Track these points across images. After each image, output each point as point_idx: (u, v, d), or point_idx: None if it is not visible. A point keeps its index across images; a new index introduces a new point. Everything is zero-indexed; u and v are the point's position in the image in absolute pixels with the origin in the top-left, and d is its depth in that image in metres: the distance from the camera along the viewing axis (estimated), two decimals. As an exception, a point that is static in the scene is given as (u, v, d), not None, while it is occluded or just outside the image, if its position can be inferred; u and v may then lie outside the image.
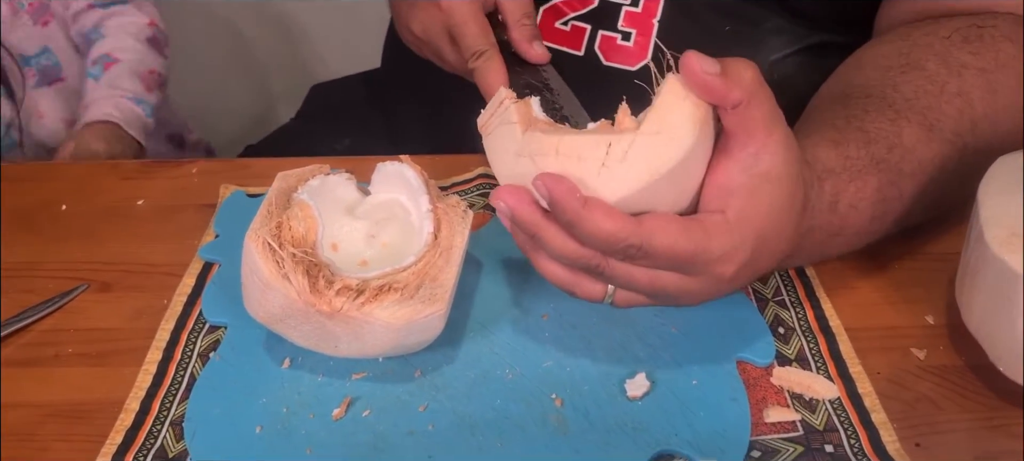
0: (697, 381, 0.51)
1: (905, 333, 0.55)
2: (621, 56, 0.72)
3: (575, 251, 0.44)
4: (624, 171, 0.42)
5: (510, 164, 0.45)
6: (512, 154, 0.45)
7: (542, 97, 0.58)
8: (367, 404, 0.50)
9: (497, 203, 0.44)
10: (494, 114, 0.47)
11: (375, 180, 0.57)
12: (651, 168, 0.42)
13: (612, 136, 0.43)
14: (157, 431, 0.49)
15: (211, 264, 0.61)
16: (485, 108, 0.48)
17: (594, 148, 0.42)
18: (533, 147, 0.44)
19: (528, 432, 0.48)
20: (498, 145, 0.47)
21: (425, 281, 0.49)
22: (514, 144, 0.45)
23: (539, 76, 0.61)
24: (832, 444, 0.48)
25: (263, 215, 0.51)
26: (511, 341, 0.54)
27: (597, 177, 0.42)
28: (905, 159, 0.53)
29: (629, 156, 0.42)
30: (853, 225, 0.53)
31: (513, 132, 0.45)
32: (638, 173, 0.42)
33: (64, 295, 0.59)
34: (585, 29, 0.73)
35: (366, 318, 0.47)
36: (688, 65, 0.42)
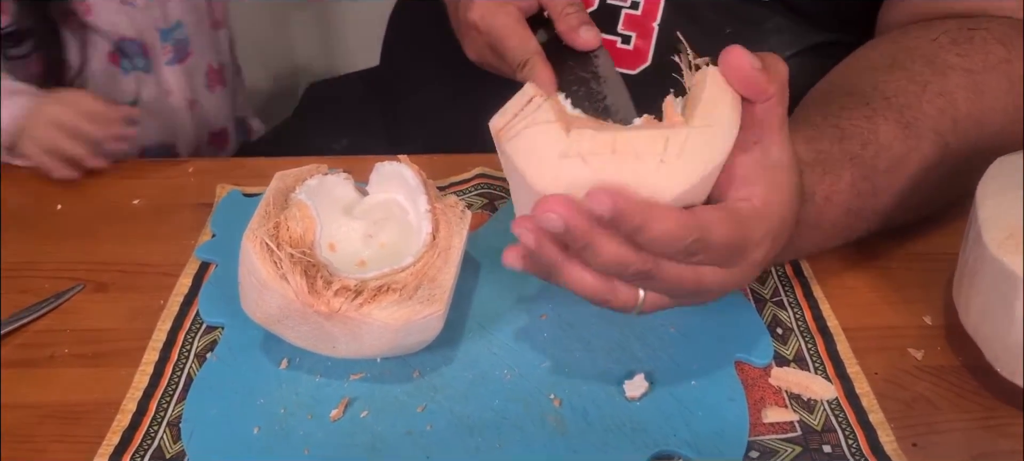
0: (695, 382, 0.51)
1: (902, 333, 0.55)
2: (621, 60, 0.72)
3: (630, 259, 0.42)
4: (682, 165, 0.41)
5: (553, 166, 0.41)
6: (555, 155, 0.41)
7: (589, 87, 0.56)
8: (365, 405, 0.50)
9: (547, 215, 0.40)
10: (519, 114, 0.43)
11: (373, 180, 0.57)
12: (706, 161, 0.42)
13: (668, 131, 0.42)
14: (154, 432, 0.49)
15: (208, 264, 0.61)
16: (501, 110, 0.44)
17: (651, 143, 0.41)
18: (585, 146, 0.41)
19: (526, 433, 0.48)
20: (533, 146, 0.42)
21: (423, 282, 0.49)
22: (558, 144, 0.41)
23: (589, 66, 0.58)
24: (830, 444, 0.48)
25: (261, 215, 0.50)
26: (509, 341, 0.54)
27: (656, 173, 0.41)
28: (880, 155, 0.54)
29: (686, 150, 0.41)
30: (829, 218, 0.54)
31: (554, 131, 0.41)
32: (694, 167, 0.42)
33: (60, 295, 0.58)
34: None
35: (364, 319, 0.47)
36: (734, 60, 0.42)
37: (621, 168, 0.41)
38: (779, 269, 0.59)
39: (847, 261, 0.60)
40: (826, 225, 0.54)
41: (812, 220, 0.52)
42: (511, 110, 0.43)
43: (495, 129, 0.43)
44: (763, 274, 0.59)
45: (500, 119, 0.43)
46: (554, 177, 0.41)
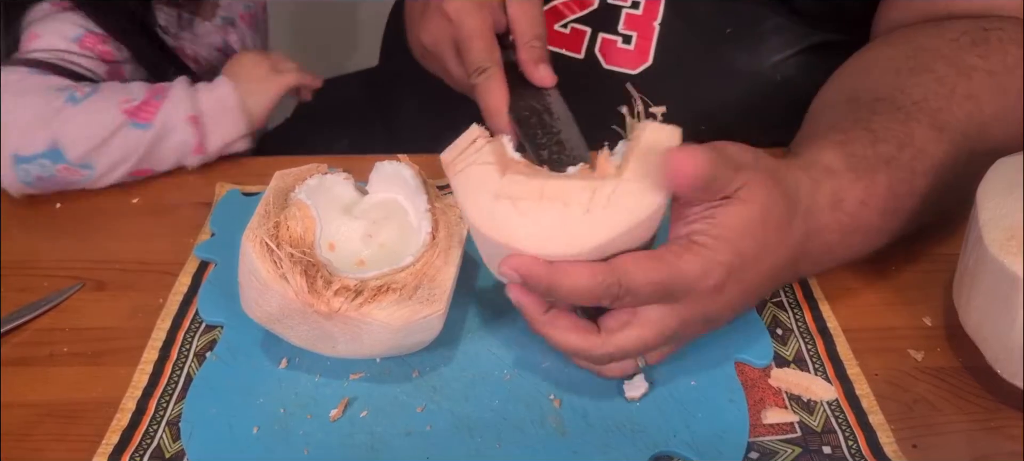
0: (695, 382, 0.50)
1: (902, 335, 0.55)
2: (622, 59, 0.72)
3: (579, 345, 0.46)
4: (608, 216, 0.43)
5: (486, 206, 0.44)
6: (489, 196, 0.44)
7: (541, 118, 0.57)
8: (365, 405, 0.50)
9: (508, 273, 0.44)
10: (464, 152, 0.46)
11: (373, 179, 0.57)
12: (632, 213, 0.43)
13: (596, 182, 0.43)
14: (153, 431, 0.49)
15: (207, 263, 0.61)
16: (452, 145, 0.46)
17: (579, 193, 0.43)
18: (515, 190, 0.44)
19: (526, 433, 0.48)
20: (471, 185, 0.45)
21: (423, 281, 0.49)
22: (492, 185, 0.44)
23: (542, 100, 0.59)
24: (830, 446, 0.48)
25: (260, 215, 0.50)
26: (509, 341, 0.53)
27: (581, 222, 0.43)
28: (917, 158, 0.53)
29: (612, 202, 0.43)
30: (866, 222, 0.52)
31: (490, 173, 0.44)
32: (620, 218, 0.43)
33: (59, 294, 0.58)
34: (585, 32, 0.72)
35: (364, 319, 0.47)
36: (677, 169, 0.42)
37: (547, 214, 0.43)
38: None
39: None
40: (865, 229, 0.53)
41: (846, 226, 0.51)
42: (459, 146, 0.46)
43: (444, 162, 0.46)
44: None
45: (449, 154, 0.46)
46: (488, 215, 0.44)
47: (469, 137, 0.46)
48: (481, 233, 0.44)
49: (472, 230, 0.45)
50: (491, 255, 0.46)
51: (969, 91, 0.56)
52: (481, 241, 0.45)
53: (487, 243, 0.45)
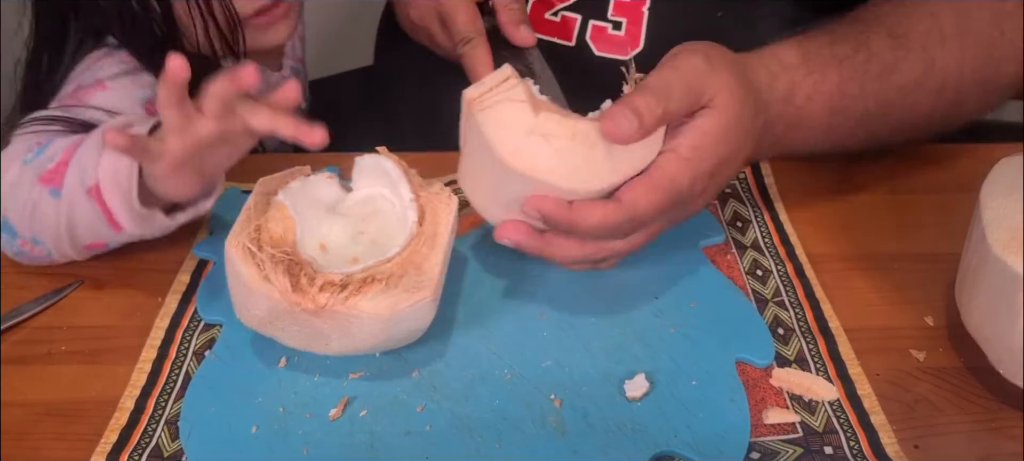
0: (696, 382, 0.50)
1: (904, 334, 0.54)
2: (613, 45, 0.71)
3: (582, 255, 0.51)
4: (625, 158, 0.48)
5: (517, 141, 0.47)
6: (522, 132, 0.47)
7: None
8: (364, 404, 0.49)
9: (502, 240, 0.50)
10: (494, 90, 0.48)
11: (355, 176, 0.56)
12: (645, 157, 0.49)
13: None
14: (152, 430, 0.49)
15: (206, 261, 0.61)
16: (477, 82, 0.49)
17: (601, 136, 0.48)
18: (550, 128, 0.47)
19: (527, 433, 0.48)
20: (502, 121, 0.47)
21: (409, 270, 0.49)
22: (526, 122, 0.47)
23: (524, 60, 0.63)
24: (831, 446, 0.47)
25: (242, 221, 0.50)
26: (509, 340, 0.53)
27: (604, 161, 0.47)
28: (871, 61, 0.57)
29: (628, 147, 0.48)
30: (810, 116, 0.57)
31: (524, 111, 0.47)
32: (634, 161, 0.48)
33: (57, 292, 0.58)
34: (575, 19, 0.72)
35: (351, 311, 0.47)
36: (613, 136, 0.47)
37: (575, 153, 0.47)
38: (780, 269, 0.59)
39: (848, 261, 0.60)
40: (807, 123, 0.57)
41: (792, 119, 0.56)
42: (487, 84, 0.48)
43: (468, 98, 0.48)
44: (765, 274, 0.59)
45: (475, 90, 0.48)
46: (518, 150, 0.47)
47: (500, 75, 0.49)
48: (507, 167, 0.47)
49: (493, 165, 0.47)
50: (506, 191, 0.49)
51: (931, 9, 0.59)
52: (501, 177, 0.48)
53: (510, 178, 0.47)
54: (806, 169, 0.68)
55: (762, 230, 0.63)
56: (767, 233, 0.62)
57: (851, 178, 0.68)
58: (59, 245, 0.57)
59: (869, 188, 0.67)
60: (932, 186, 0.67)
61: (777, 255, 0.60)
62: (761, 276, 0.59)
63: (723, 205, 0.65)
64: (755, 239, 0.62)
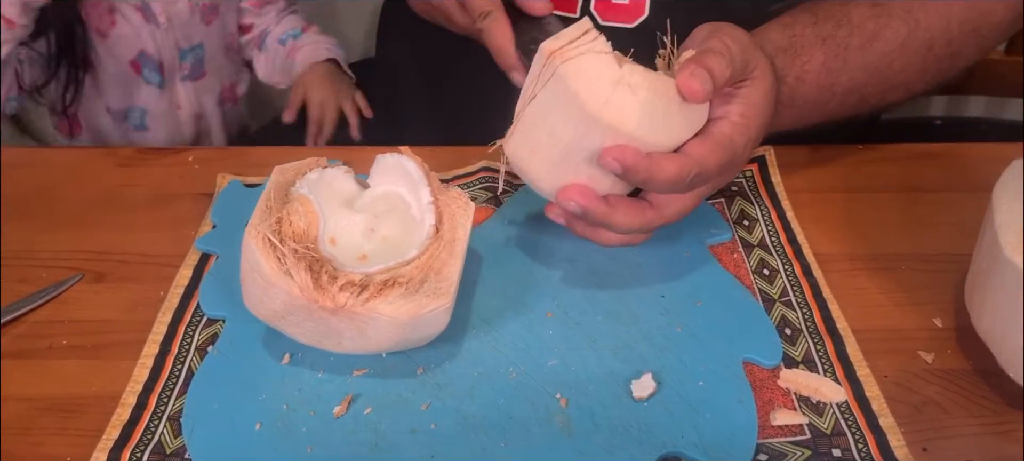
0: (703, 382, 0.50)
1: (912, 336, 0.54)
2: (618, 14, 0.71)
3: (639, 222, 0.53)
4: (693, 115, 0.51)
5: (603, 91, 0.48)
6: (608, 82, 0.48)
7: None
8: (369, 401, 0.49)
9: (567, 203, 0.51)
10: (576, 41, 0.48)
11: (374, 172, 0.56)
12: (702, 113, 0.52)
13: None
14: (154, 426, 0.48)
15: (208, 255, 0.60)
16: (558, 35, 0.49)
17: (676, 93, 0.50)
18: (635, 79, 0.48)
19: (532, 433, 0.47)
20: (589, 71, 0.48)
21: (429, 275, 0.48)
22: (612, 73, 0.48)
23: (543, 30, 0.62)
24: (839, 448, 0.47)
25: (262, 210, 0.49)
26: (515, 338, 0.53)
27: (678, 115, 0.50)
28: (854, 34, 0.60)
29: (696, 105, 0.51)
30: (801, 96, 0.60)
31: (609, 62, 0.48)
32: (697, 117, 0.51)
33: (58, 285, 0.57)
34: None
35: (370, 314, 0.46)
36: (689, 93, 0.49)
37: (656, 105, 0.49)
38: (788, 269, 0.59)
39: (856, 261, 0.60)
40: (799, 102, 0.60)
41: (785, 99, 0.59)
42: (566, 36, 0.49)
43: (548, 50, 0.48)
44: (772, 274, 0.58)
45: (555, 43, 0.48)
46: (606, 100, 0.48)
47: (581, 28, 0.49)
48: (595, 118, 0.48)
49: (574, 119, 0.48)
50: (583, 147, 0.49)
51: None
52: (581, 131, 0.49)
53: (592, 130, 0.48)
54: (814, 167, 0.68)
55: (769, 229, 0.62)
56: (774, 232, 0.62)
57: (859, 177, 0.67)
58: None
59: (877, 187, 0.66)
60: (940, 185, 0.67)
61: (784, 254, 0.60)
62: (768, 275, 0.58)
63: (730, 203, 0.64)
64: (762, 238, 0.61)
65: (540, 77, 0.49)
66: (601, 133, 0.48)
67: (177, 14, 0.89)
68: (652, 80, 0.49)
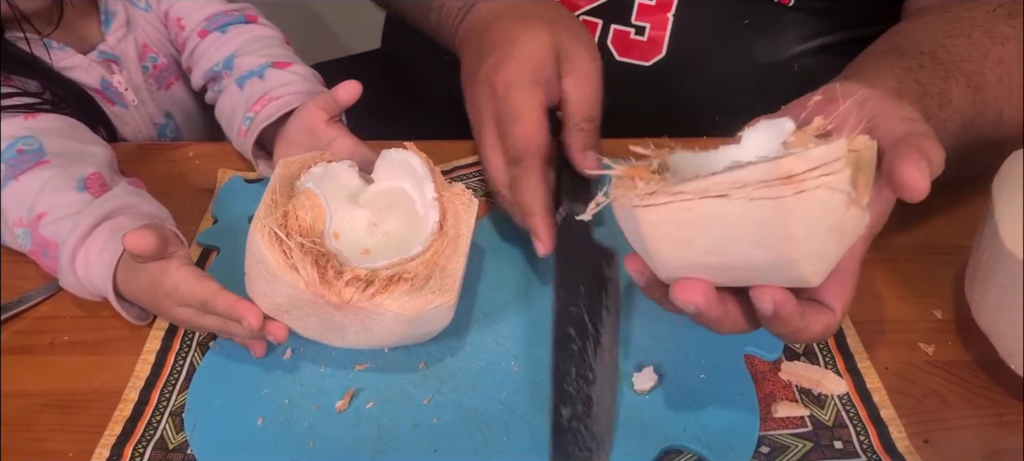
0: (705, 375, 0.50)
1: (913, 327, 0.54)
2: (636, 51, 0.71)
3: (745, 327, 0.43)
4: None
5: (819, 239, 0.38)
6: (825, 227, 0.37)
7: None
8: (371, 396, 0.49)
9: (686, 305, 0.40)
10: (818, 169, 0.36)
11: (379, 167, 0.56)
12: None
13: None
14: (156, 422, 0.48)
15: (210, 250, 0.60)
16: (797, 151, 0.37)
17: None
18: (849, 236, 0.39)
19: (534, 426, 0.47)
20: (813, 211, 0.36)
21: (434, 271, 0.49)
22: (835, 215, 0.37)
23: (587, 189, 0.54)
24: (841, 440, 0.47)
25: (267, 204, 0.49)
26: (516, 332, 0.53)
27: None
28: (952, 118, 0.54)
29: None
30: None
31: (841, 201, 0.37)
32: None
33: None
34: (597, 24, 0.71)
35: (376, 309, 0.46)
36: (912, 183, 0.40)
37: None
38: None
39: (856, 253, 0.60)
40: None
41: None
42: (813, 159, 0.36)
43: (787, 170, 0.36)
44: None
45: (797, 162, 0.36)
46: (818, 252, 0.38)
47: (835, 152, 0.36)
48: (790, 263, 0.38)
49: (771, 253, 0.38)
50: (748, 270, 0.40)
51: (1001, 57, 0.57)
52: (775, 267, 0.39)
53: (784, 269, 0.39)
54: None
55: (770, 222, 0.62)
56: (775, 225, 0.62)
57: (859, 169, 0.67)
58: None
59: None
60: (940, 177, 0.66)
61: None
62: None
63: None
64: (763, 231, 0.61)
65: (746, 183, 0.36)
66: (780, 274, 0.39)
67: (139, 90, 0.79)
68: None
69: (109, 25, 0.76)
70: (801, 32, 0.69)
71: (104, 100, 0.76)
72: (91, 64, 0.74)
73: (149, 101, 0.79)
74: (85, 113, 0.72)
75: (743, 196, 0.36)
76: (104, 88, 0.76)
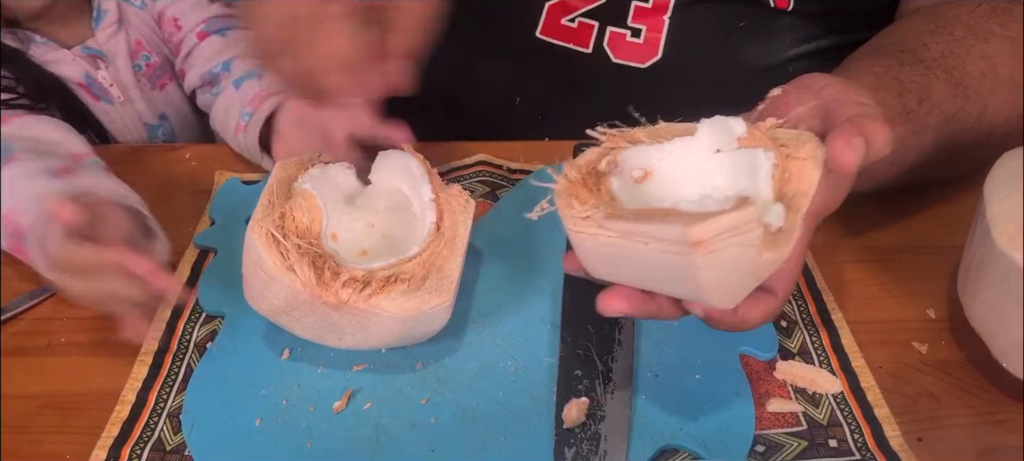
0: (700, 376, 0.50)
1: (906, 327, 0.55)
2: (630, 53, 0.71)
3: (681, 315, 0.44)
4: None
5: (733, 290, 0.40)
6: (739, 278, 0.39)
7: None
8: (368, 396, 0.49)
9: (613, 314, 0.42)
10: (729, 233, 0.37)
11: (376, 169, 0.56)
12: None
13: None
14: (154, 423, 0.48)
15: (207, 252, 0.60)
16: (705, 217, 0.37)
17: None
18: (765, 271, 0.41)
19: (532, 426, 0.47)
20: (723, 267, 0.38)
21: (431, 271, 0.49)
22: (749, 265, 0.39)
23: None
24: (836, 438, 0.48)
25: (265, 205, 0.49)
26: (513, 332, 0.53)
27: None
28: (932, 112, 0.55)
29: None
30: (871, 168, 0.52)
31: (752, 254, 0.38)
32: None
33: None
34: (593, 26, 0.71)
35: (373, 310, 0.46)
36: (842, 161, 0.41)
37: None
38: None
39: (850, 254, 0.60)
40: (866, 175, 0.52)
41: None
42: (721, 224, 0.37)
43: (694, 239, 0.37)
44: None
45: (706, 229, 0.37)
46: (731, 294, 0.40)
47: (743, 217, 0.37)
48: (704, 296, 0.40)
49: (684, 288, 0.40)
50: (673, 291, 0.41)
51: (984, 52, 0.57)
52: (688, 295, 0.41)
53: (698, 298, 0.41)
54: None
55: (764, 222, 0.63)
56: (769, 225, 0.62)
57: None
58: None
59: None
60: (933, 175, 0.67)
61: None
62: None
63: (725, 197, 0.65)
64: (757, 231, 0.62)
65: (661, 239, 0.38)
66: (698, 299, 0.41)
67: (127, 88, 0.78)
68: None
69: (99, 22, 0.76)
70: (796, 36, 0.70)
71: (89, 96, 0.76)
72: (75, 58, 0.75)
73: (139, 99, 0.79)
74: (68, 111, 0.72)
75: (658, 248, 0.38)
76: (89, 83, 0.76)
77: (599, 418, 0.47)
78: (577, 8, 0.72)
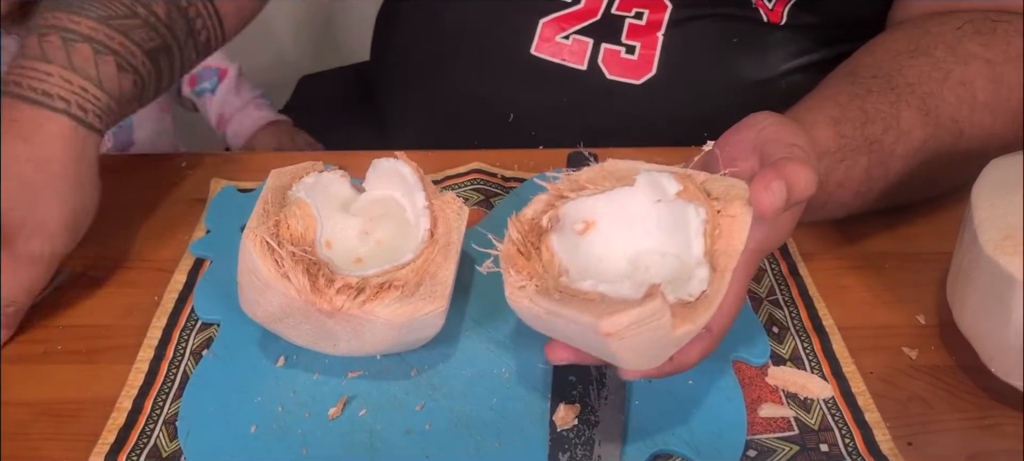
0: (693, 381, 0.51)
1: (897, 332, 0.55)
2: (625, 70, 0.71)
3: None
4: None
5: (650, 358, 0.43)
6: (655, 353, 0.42)
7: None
8: (364, 403, 0.49)
9: (557, 360, 0.47)
10: (637, 325, 0.40)
11: (370, 176, 0.56)
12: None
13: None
14: (150, 430, 0.49)
15: (202, 260, 0.60)
16: (615, 313, 0.39)
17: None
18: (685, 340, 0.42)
19: (526, 432, 0.48)
20: (640, 346, 0.41)
21: (425, 278, 0.49)
22: (663, 342, 0.41)
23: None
24: (827, 443, 0.48)
25: (259, 213, 0.50)
26: (507, 339, 0.53)
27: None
28: (899, 142, 0.55)
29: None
30: (837, 200, 0.56)
31: (664, 334, 0.40)
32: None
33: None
34: (587, 43, 0.72)
35: (367, 316, 0.47)
36: (763, 206, 0.42)
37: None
38: (774, 268, 0.60)
39: (841, 260, 0.61)
40: (832, 205, 0.56)
41: (819, 202, 0.54)
42: (629, 318, 0.39)
43: (606, 331, 0.40)
44: (759, 273, 0.59)
45: (615, 323, 0.39)
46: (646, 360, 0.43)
47: (650, 310, 0.40)
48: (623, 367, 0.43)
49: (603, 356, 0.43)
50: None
51: (964, 77, 0.57)
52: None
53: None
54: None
55: (756, 229, 0.63)
56: (761, 232, 0.63)
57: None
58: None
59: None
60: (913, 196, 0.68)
61: (771, 254, 0.61)
62: (755, 275, 0.59)
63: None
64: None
65: (578, 322, 0.41)
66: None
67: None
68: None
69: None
70: (789, 50, 0.70)
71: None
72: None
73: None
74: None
75: (578, 329, 0.41)
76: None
77: (593, 424, 0.47)
78: (571, 25, 0.72)
